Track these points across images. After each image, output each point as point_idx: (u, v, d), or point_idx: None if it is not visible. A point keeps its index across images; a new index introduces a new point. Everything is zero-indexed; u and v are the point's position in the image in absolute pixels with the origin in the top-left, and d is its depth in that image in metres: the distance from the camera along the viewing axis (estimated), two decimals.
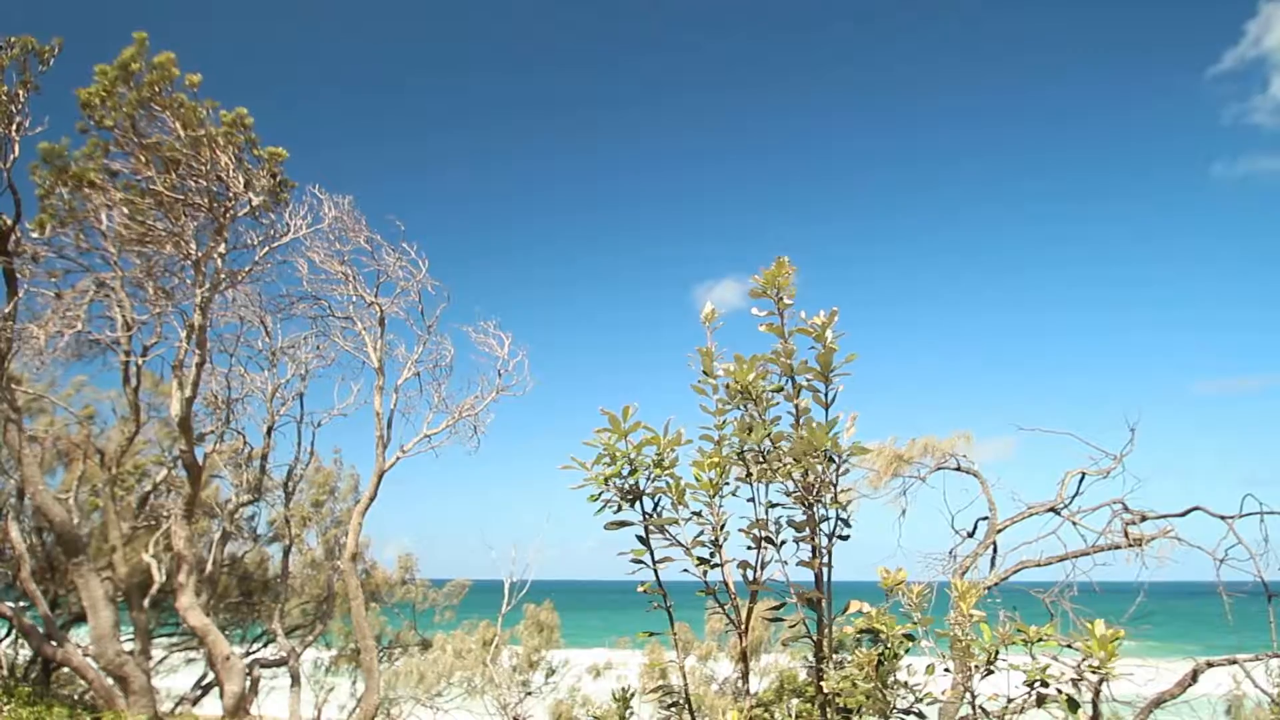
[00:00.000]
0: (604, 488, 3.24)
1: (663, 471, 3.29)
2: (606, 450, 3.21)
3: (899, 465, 11.86)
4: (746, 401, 3.26)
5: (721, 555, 3.41)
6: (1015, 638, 3.30)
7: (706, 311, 3.51)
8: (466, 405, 12.87)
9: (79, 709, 9.88)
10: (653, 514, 3.35)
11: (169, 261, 10.58)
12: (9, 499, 15.04)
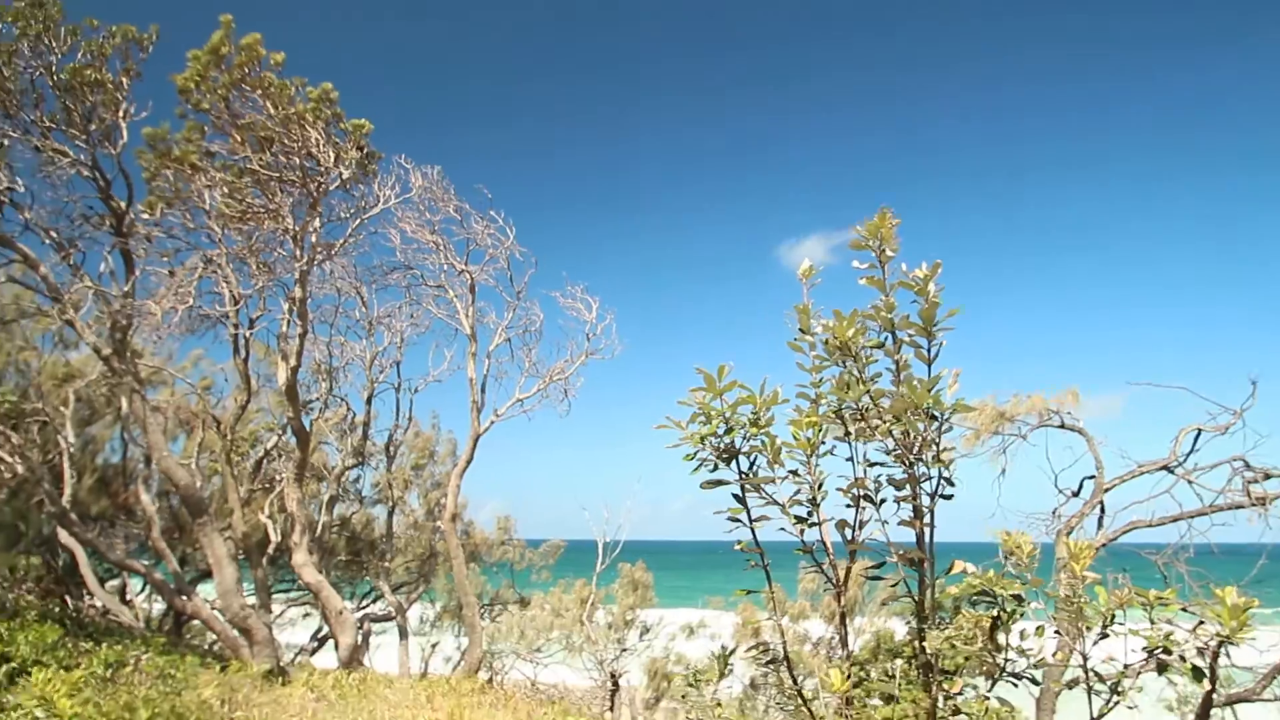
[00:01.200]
0: (700, 447, 3.21)
1: (759, 430, 3.24)
2: (702, 409, 3.17)
3: (999, 423, 11.48)
4: (845, 358, 3.17)
5: (819, 514, 3.35)
6: (1132, 600, 3.14)
7: (804, 268, 3.41)
8: (557, 369, 13.06)
9: (209, 658, 10.53)
10: (748, 473, 3.31)
11: (269, 237, 10.98)
12: (137, 465, 16.11)
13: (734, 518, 3.34)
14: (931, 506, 3.25)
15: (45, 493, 11.26)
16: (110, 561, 13.74)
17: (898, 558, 3.30)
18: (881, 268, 3.25)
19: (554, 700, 11.00)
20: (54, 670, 6.21)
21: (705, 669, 4.00)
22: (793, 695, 3.60)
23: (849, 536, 3.35)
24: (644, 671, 20.28)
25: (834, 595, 3.54)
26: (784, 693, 3.56)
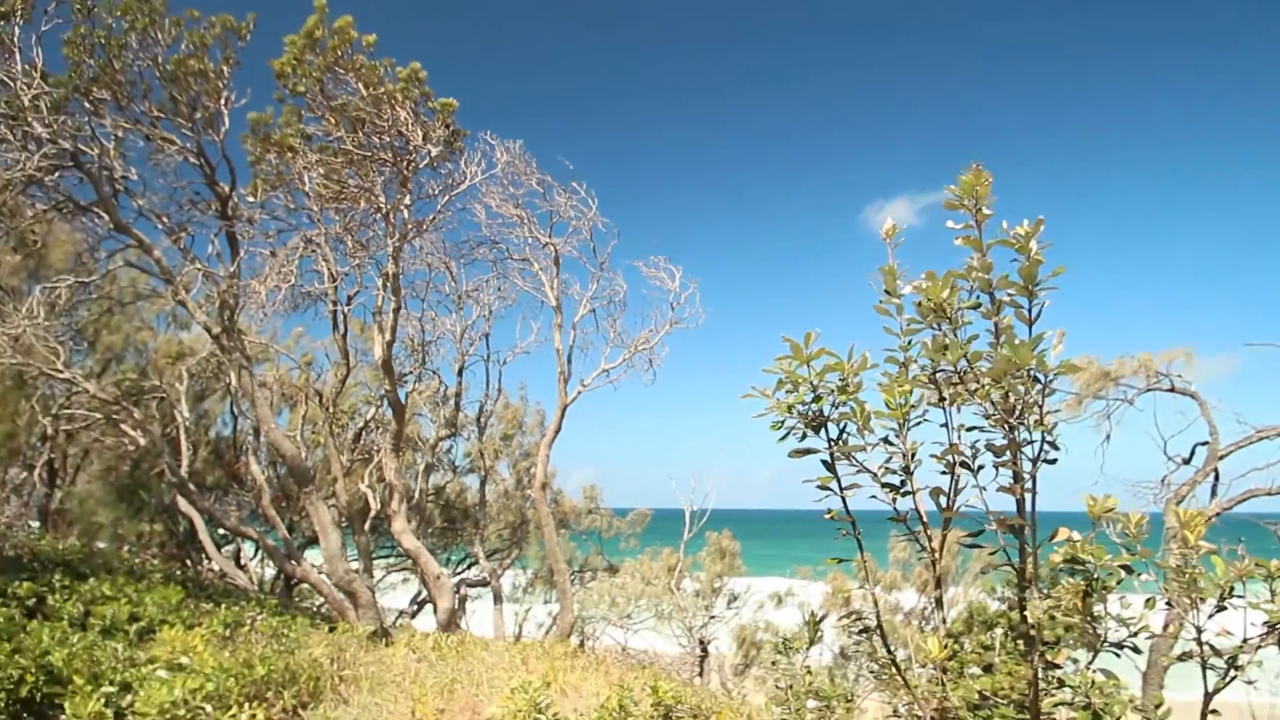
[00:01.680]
0: (787, 415, 3.17)
1: (847, 397, 3.18)
2: (788, 377, 3.13)
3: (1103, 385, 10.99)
4: (939, 320, 3.07)
5: (912, 482, 3.27)
6: (1252, 571, 2.98)
7: (887, 228, 3.31)
8: (641, 339, 13.11)
9: (317, 620, 11.05)
10: (838, 441, 3.26)
11: (363, 215, 11.32)
12: (247, 437, 16.98)
13: (824, 486, 3.30)
14: (1033, 472, 3.14)
15: (165, 464, 12.01)
16: (225, 528, 14.58)
17: (997, 525, 3.21)
18: (977, 226, 3.13)
19: (644, 666, 11.17)
20: (179, 629, 6.61)
21: (795, 636, 4.00)
22: (886, 665, 3.57)
23: (944, 504, 3.27)
24: (732, 639, 20.42)
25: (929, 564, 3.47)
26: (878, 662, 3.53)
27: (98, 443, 14.93)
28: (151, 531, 16.54)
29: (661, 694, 4.92)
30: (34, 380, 10.22)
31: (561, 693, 6.71)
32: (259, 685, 6.12)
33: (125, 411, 11.49)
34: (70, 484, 16.00)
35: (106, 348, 14.25)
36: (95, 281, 10.73)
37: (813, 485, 3.33)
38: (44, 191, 9.65)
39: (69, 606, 8.03)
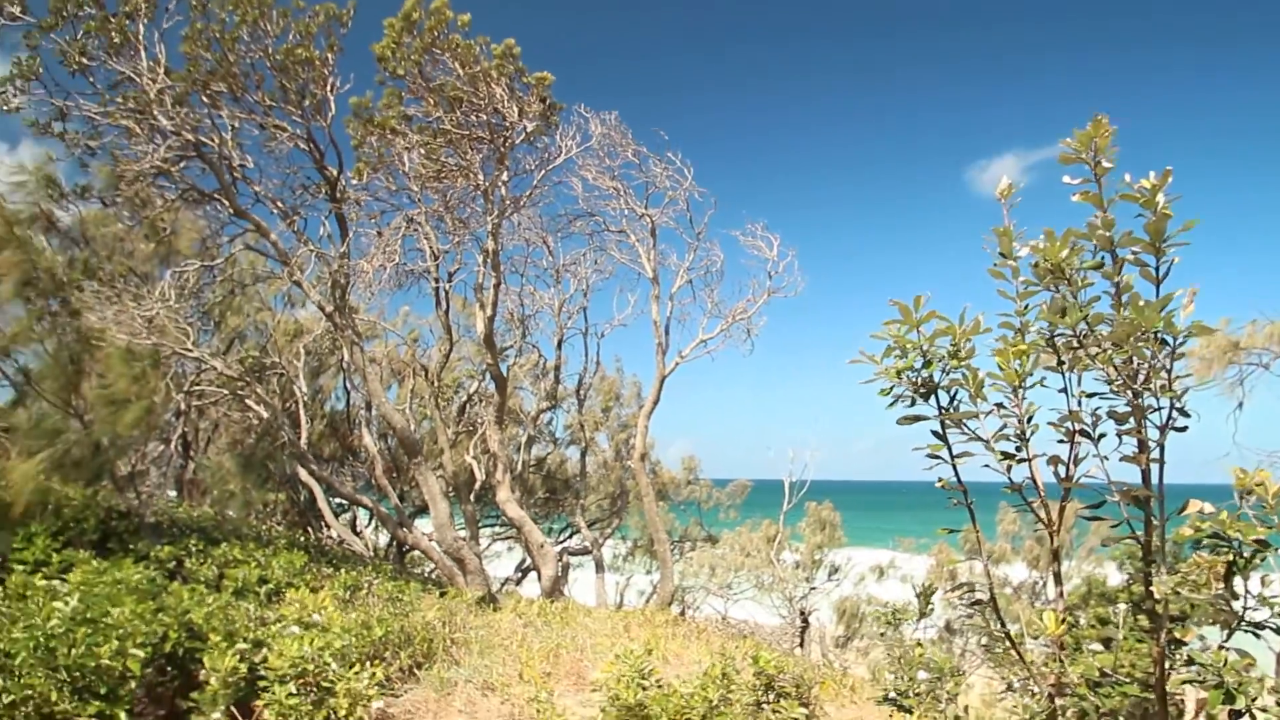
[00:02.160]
0: (895, 382, 3.08)
1: (959, 363, 3.07)
2: (897, 343, 3.04)
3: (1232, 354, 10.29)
4: (1058, 282, 2.92)
5: (1028, 450, 3.14)
6: None
7: (1002, 186, 3.15)
8: (739, 309, 13.02)
9: (428, 584, 11.49)
10: (948, 408, 3.15)
11: (462, 193, 11.58)
12: (359, 411, 17.73)
13: (933, 454, 3.20)
14: (1161, 440, 2.97)
15: (286, 436, 12.65)
16: (342, 497, 15.29)
17: (1120, 497, 3.06)
18: (1097, 181, 2.95)
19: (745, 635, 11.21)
20: (304, 591, 6.99)
21: (903, 608, 3.93)
22: (1000, 639, 3.46)
23: (1062, 474, 3.13)
24: (833, 610, 20.25)
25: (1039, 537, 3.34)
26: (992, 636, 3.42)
27: (225, 417, 15.85)
28: (276, 500, 17.49)
29: (763, 663, 4.93)
30: (168, 359, 10.90)
31: (664, 660, 6.81)
32: (377, 645, 6.44)
33: (249, 387, 12.13)
34: (202, 455, 17.05)
35: (231, 328, 15.05)
36: (219, 265, 11.33)
37: (921, 454, 3.24)
38: (170, 181, 10.23)
39: (205, 569, 8.61)
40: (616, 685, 4.27)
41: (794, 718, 4.42)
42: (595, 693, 4.52)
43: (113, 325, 9.71)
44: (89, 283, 10.46)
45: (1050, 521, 3.27)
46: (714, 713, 4.23)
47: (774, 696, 4.93)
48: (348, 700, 4.07)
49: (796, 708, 4.49)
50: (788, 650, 16.26)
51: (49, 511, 9.64)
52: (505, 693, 6.01)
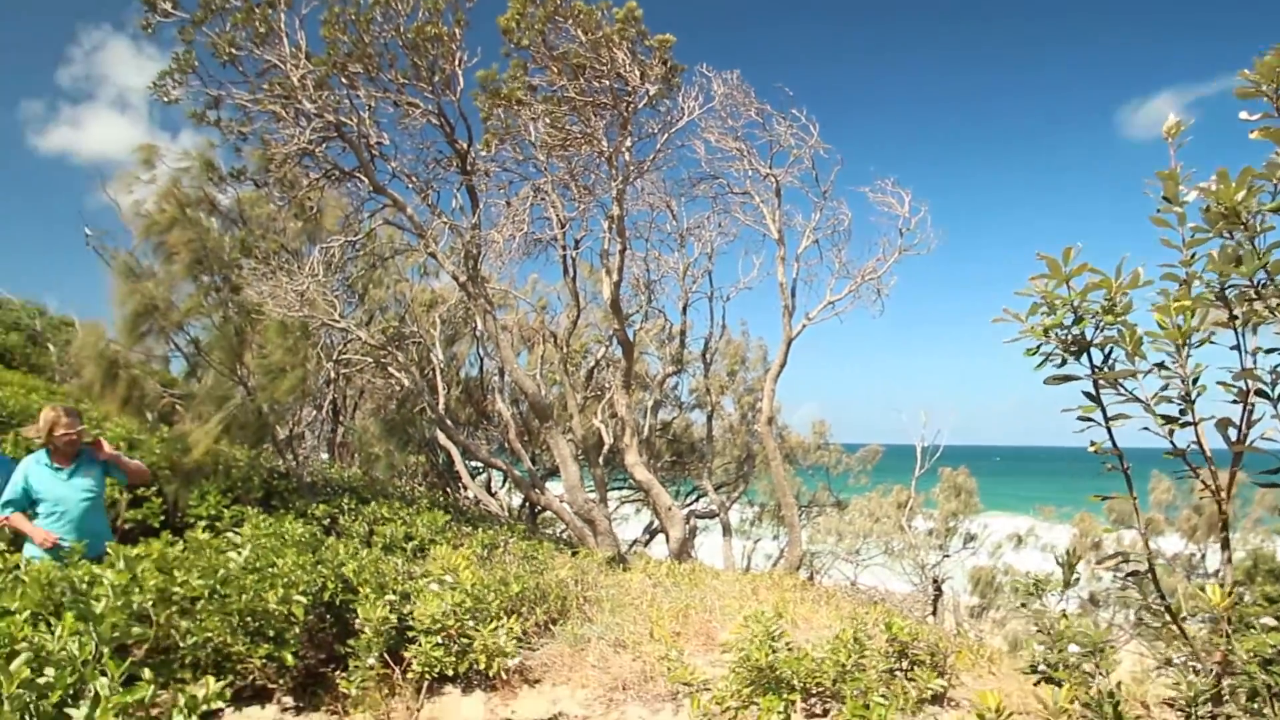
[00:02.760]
0: (1042, 340, 2.90)
1: (1114, 319, 2.85)
2: (1045, 299, 2.86)
3: None
4: (1232, 227, 2.66)
5: (1193, 412, 2.90)
6: None
7: (1169, 124, 2.88)
8: (868, 269, 12.64)
9: (560, 544, 11.87)
10: (1102, 367, 2.95)
11: (586, 161, 11.70)
12: (492, 377, 18.39)
13: (1085, 417, 3.01)
14: None
15: (426, 402, 13.26)
16: (478, 459, 15.95)
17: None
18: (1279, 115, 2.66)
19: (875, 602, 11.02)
20: (446, 548, 7.35)
21: (1045, 578, 3.75)
22: (1159, 612, 3.25)
23: (1234, 438, 2.89)
24: (968, 579, 19.63)
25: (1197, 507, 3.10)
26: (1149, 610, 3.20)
27: (370, 384, 16.76)
28: (417, 462, 18.42)
29: (896, 630, 4.84)
30: (317, 330, 11.61)
31: (793, 623, 6.78)
32: (514, 601, 6.71)
33: (390, 355, 12.75)
34: (350, 420, 18.14)
35: (373, 299, 15.84)
36: (360, 240, 11.91)
37: (1070, 417, 3.05)
38: (315, 162, 10.80)
39: (356, 526, 9.19)
40: (747, 646, 4.30)
41: (932, 687, 4.33)
42: (725, 653, 4.57)
43: (269, 299, 10.41)
44: (247, 260, 11.24)
45: (1218, 489, 3.03)
46: (846, 677, 4.20)
47: (908, 664, 4.84)
48: (488, 653, 4.27)
49: (933, 676, 4.39)
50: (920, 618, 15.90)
51: (220, 471, 10.53)
52: (636, 650, 6.15)
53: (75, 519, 5.09)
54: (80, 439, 5.17)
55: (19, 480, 5.05)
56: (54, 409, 5.16)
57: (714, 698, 4.35)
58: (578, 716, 5.16)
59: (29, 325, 23.56)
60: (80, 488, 5.15)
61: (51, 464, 5.11)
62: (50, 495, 5.06)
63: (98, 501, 5.27)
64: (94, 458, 5.32)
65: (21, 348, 22.45)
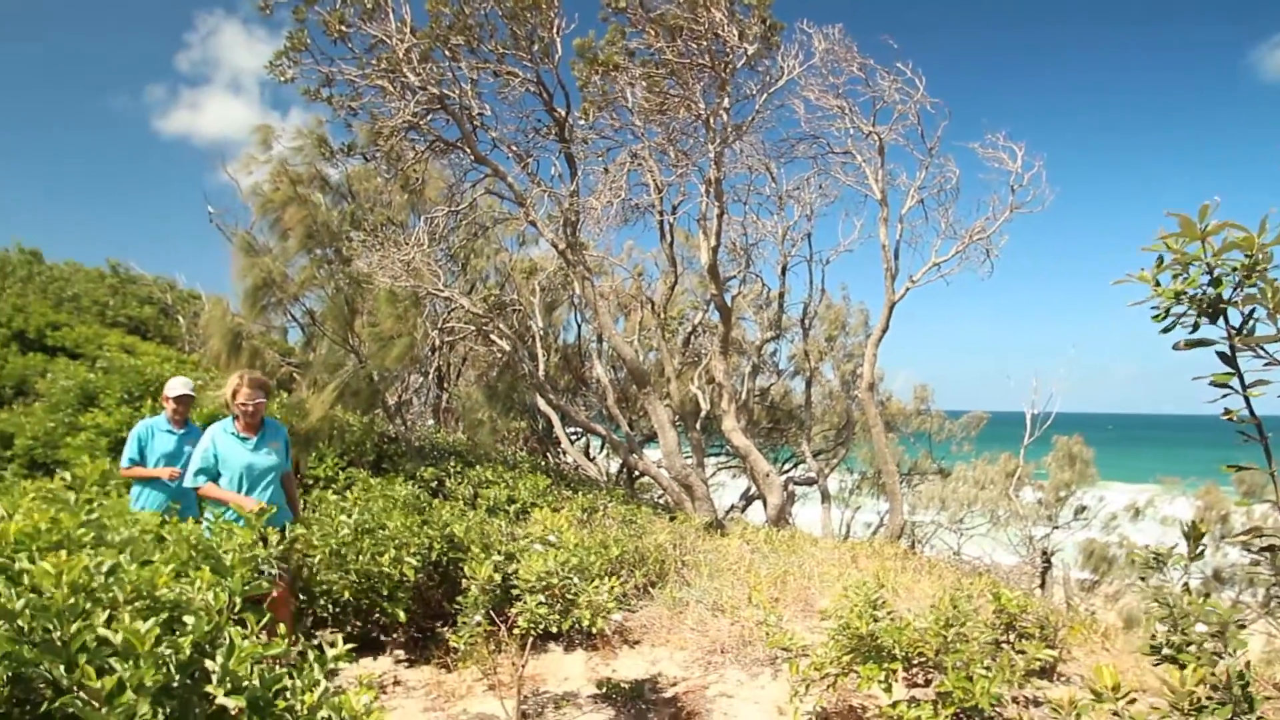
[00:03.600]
0: (1172, 302, 2.71)
1: (1255, 278, 2.63)
2: (1177, 258, 2.67)
3: None
4: None
5: None
6: None
7: None
8: (976, 228, 12.13)
9: (658, 509, 12.01)
10: (1240, 330, 2.74)
11: (684, 125, 11.59)
12: (590, 343, 18.62)
13: (1220, 383, 2.81)
14: None
15: (526, 368, 13.57)
16: (577, 424, 16.23)
17: None
18: None
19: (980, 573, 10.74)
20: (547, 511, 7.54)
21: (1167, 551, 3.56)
22: None
23: None
24: (1079, 552, 18.88)
25: None
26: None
27: (472, 351, 17.23)
28: (517, 428, 18.89)
29: (1004, 601, 4.71)
30: (423, 299, 12.00)
31: (894, 593, 6.69)
32: (614, 564, 6.85)
33: (492, 323, 13.06)
34: (454, 387, 18.71)
35: (474, 268, 16.23)
36: (462, 210, 12.19)
37: (1202, 384, 2.85)
38: (419, 134, 11.08)
39: (462, 489, 9.54)
40: (847, 614, 4.27)
41: (1040, 658, 4.21)
42: (824, 620, 4.55)
43: (377, 270, 10.81)
44: (356, 233, 11.68)
45: None
46: (949, 648, 4.12)
47: (1015, 637, 4.71)
48: (590, 612, 4.38)
49: (1042, 649, 4.26)
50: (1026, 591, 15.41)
51: (335, 435, 11.08)
52: (734, 614, 6.20)
53: (259, 490, 4.98)
54: (261, 409, 5.00)
55: (208, 446, 4.91)
56: (239, 375, 5.00)
57: (813, 664, 4.35)
58: (676, 678, 5.26)
59: (161, 299, 25.19)
60: (264, 459, 5.01)
61: (238, 433, 4.97)
62: (236, 464, 4.93)
63: (280, 474, 5.11)
64: (278, 431, 5.19)
65: (155, 320, 24.07)
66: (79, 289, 23.75)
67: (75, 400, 9.48)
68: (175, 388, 6.22)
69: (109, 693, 1.67)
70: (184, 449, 6.01)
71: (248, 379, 4.95)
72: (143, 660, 1.76)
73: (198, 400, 9.24)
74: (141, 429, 6.05)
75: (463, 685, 5.19)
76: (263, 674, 2.02)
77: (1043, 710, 4.39)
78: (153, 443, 6.02)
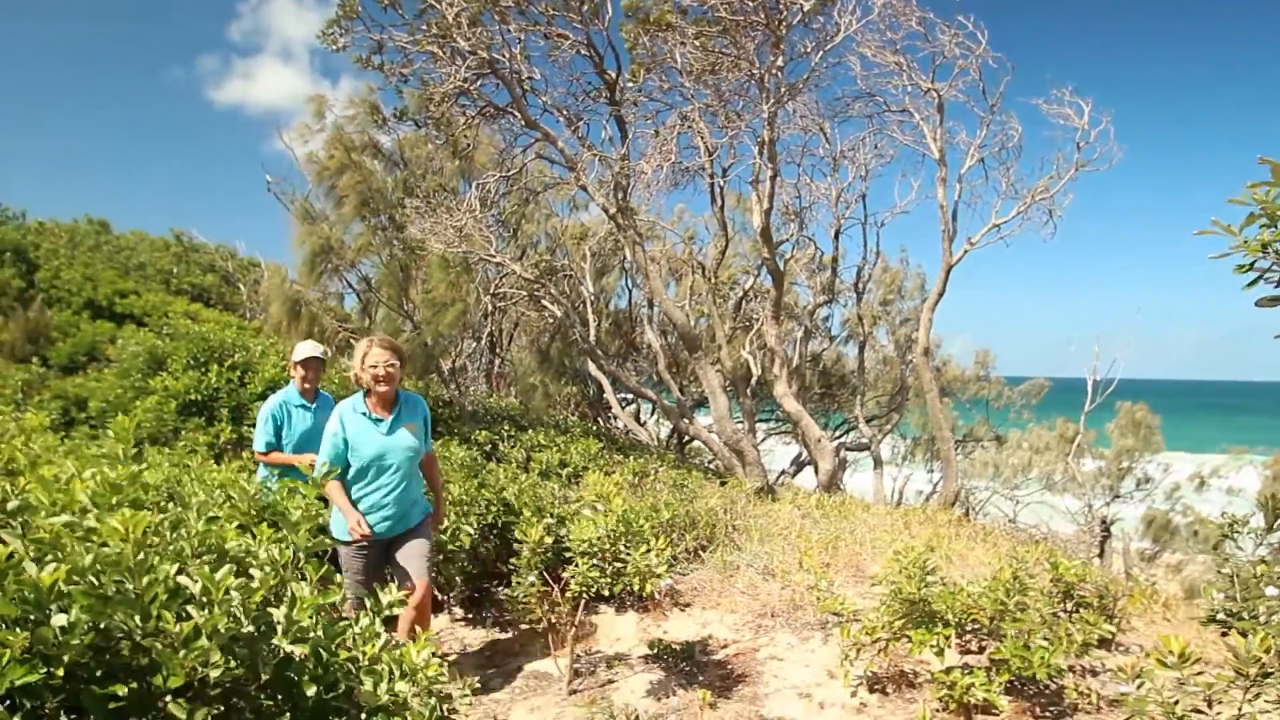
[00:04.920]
0: (1258, 256, 2.56)
1: None
2: (1265, 209, 2.51)
3: None
4: None
5: None
6: None
7: None
8: (1039, 188, 11.73)
9: (708, 474, 12.03)
10: None
11: (735, 85, 11.38)
12: (641, 309, 18.63)
13: None
14: None
15: (577, 333, 13.64)
16: (628, 389, 16.32)
17: None
18: None
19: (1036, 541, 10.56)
20: (598, 475, 7.61)
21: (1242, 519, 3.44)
22: None
23: None
24: (1141, 521, 18.46)
25: None
26: None
27: (524, 317, 17.36)
28: (569, 392, 19.07)
29: (1062, 570, 4.62)
30: (475, 265, 12.10)
31: (947, 559, 6.63)
32: (664, 527, 6.89)
33: (543, 289, 13.13)
34: (506, 352, 18.93)
35: (525, 234, 16.30)
36: (513, 176, 12.22)
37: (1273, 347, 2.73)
38: (470, 100, 11.09)
39: (515, 452, 9.67)
40: (899, 579, 4.24)
41: (1100, 630, 4.13)
42: (875, 585, 4.52)
43: (430, 236, 10.91)
44: (409, 199, 11.79)
45: None
46: (1004, 616, 4.07)
47: (1073, 606, 4.63)
48: (640, 575, 4.43)
49: (1101, 620, 4.18)
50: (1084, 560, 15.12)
51: None
52: (785, 579, 6.20)
53: (396, 486, 4.10)
54: (396, 377, 4.10)
55: (336, 431, 4.03)
56: (369, 340, 4.12)
57: (864, 628, 4.34)
58: (727, 640, 5.30)
59: (222, 267, 25.92)
60: (403, 445, 4.11)
61: (369, 413, 4.07)
62: (367, 451, 4.03)
63: (419, 459, 4.27)
64: (415, 407, 4.29)
65: (217, 288, 24.79)
66: (145, 258, 24.55)
67: (144, 365, 9.81)
68: (304, 350, 5.37)
69: (185, 636, 1.75)
70: (321, 427, 4.85)
71: (378, 340, 4.10)
72: (218, 607, 1.84)
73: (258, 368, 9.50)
74: (274, 407, 5.22)
75: (517, 644, 5.31)
76: (325, 625, 2.09)
77: (1100, 679, 4.33)
78: (290, 421, 5.25)
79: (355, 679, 2.11)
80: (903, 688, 4.37)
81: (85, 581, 1.78)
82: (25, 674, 1.53)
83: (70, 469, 2.52)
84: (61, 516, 2.06)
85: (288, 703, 2.02)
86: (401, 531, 4.17)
